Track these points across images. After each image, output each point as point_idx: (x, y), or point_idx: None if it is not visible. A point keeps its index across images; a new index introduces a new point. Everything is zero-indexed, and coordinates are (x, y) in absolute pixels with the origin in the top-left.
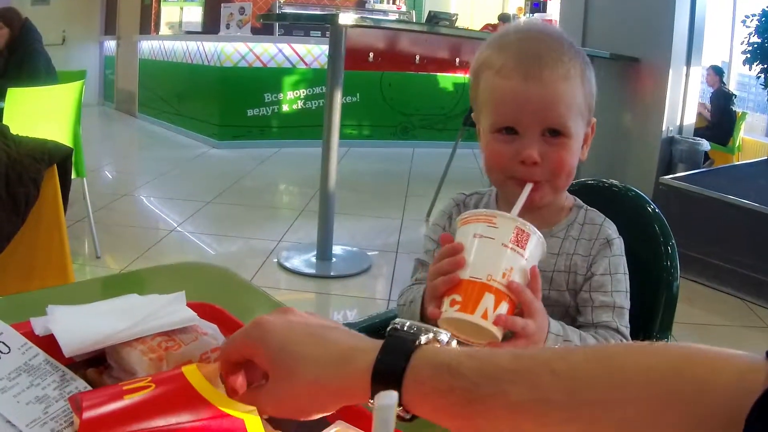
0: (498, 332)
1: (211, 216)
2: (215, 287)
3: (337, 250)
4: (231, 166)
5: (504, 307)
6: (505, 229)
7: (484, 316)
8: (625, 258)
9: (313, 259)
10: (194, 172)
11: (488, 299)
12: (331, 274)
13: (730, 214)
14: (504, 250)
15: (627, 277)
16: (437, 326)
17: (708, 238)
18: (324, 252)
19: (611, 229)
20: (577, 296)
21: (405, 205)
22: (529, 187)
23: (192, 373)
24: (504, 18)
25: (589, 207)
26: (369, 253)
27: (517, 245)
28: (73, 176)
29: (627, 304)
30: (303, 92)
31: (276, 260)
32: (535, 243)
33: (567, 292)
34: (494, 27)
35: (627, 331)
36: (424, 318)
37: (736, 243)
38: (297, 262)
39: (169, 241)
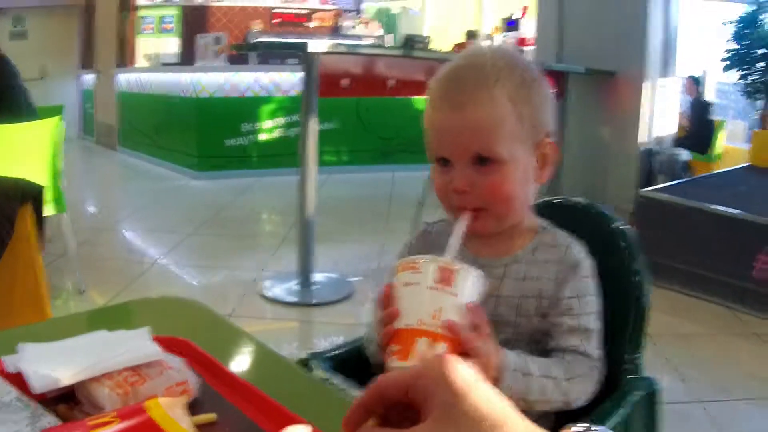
0: None
1: (193, 247)
2: (187, 321)
3: (319, 277)
4: (211, 197)
5: (442, 347)
6: (427, 271)
7: (421, 360)
8: (595, 279)
9: (295, 287)
10: (175, 203)
11: (422, 343)
12: (314, 301)
13: (711, 222)
14: (429, 293)
15: (597, 299)
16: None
17: (691, 247)
18: (305, 279)
19: (579, 251)
20: (545, 320)
21: (386, 229)
22: (465, 217)
23: (154, 407)
24: (471, 35)
25: (556, 228)
26: (351, 279)
27: (443, 284)
28: (54, 212)
29: (596, 325)
30: (281, 120)
31: (258, 290)
32: (469, 279)
33: (535, 317)
34: (462, 45)
35: (598, 353)
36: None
37: (719, 251)
38: (279, 290)
39: (152, 274)
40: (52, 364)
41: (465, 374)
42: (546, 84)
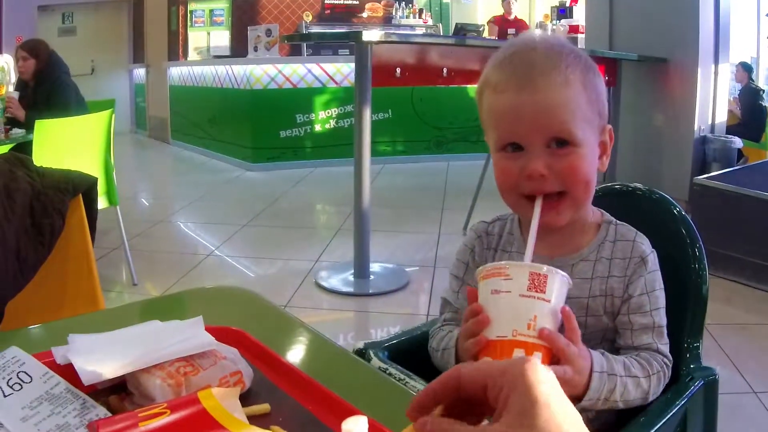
0: None
1: (247, 239)
2: (240, 311)
3: (374, 267)
4: (266, 188)
5: (537, 357)
6: (519, 278)
7: None
8: (659, 272)
9: (351, 278)
10: (229, 195)
11: (518, 354)
12: (370, 291)
13: (766, 210)
14: (523, 301)
15: (663, 292)
16: None
17: (745, 236)
18: (361, 270)
19: (645, 245)
20: (616, 319)
21: (441, 219)
22: (539, 201)
23: (207, 398)
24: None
25: (618, 221)
26: (407, 269)
27: (536, 291)
28: (106, 205)
29: (665, 320)
30: (334, 111)
31: (314, 280)
32: (557, 282)
33: (605, 316)
34: (500, 17)
35: (666, 348)
36: None
37: None
38: (335, 281)
39: (206, 266)
40: (102, 356)
41: (547, 382)
42: (599, 73)
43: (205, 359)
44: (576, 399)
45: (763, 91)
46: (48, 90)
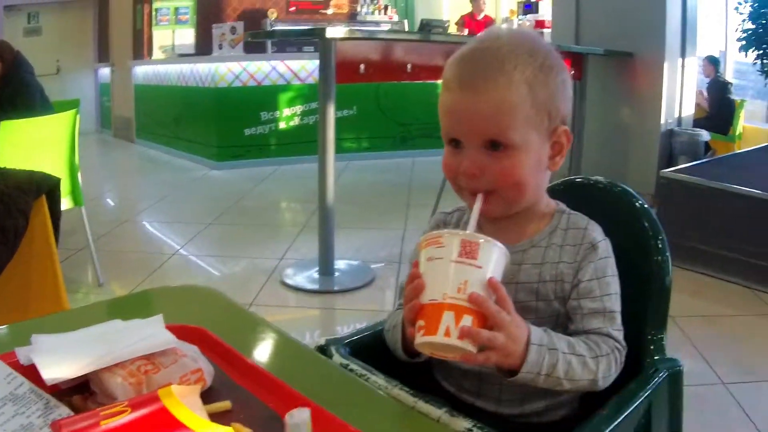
0: (466, 345)
1: (213, 237)
2: (202, 309)
3: (340, 264)
4: (231, 187)
5: (468, 320)
6: (451, 245)
7: (447, 334)
8: (613, 259)
9: (316, 275)
10: (195, 194)
11: (447, 317)
12: (335, 288)
13: (733, 203)
14: (454, 266)
15: (616, 278)
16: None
17: (713, 228)
18: (326, 267)
19: (596, 232)
20: (566, 304)
21: (407, 215)
22: (480, 198)
23: (168, 396)
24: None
25: (572, 211)
26: (372, 266)
27: (468, 257)
28: (71, 205)
29: (617, 306)
30: (299, 108)
31: (279, 278)
32: (489, 249)
33: (556, 301)
34: (469, 16)
35: (620, 334)
36: (405, 342)
37: (741, 232)
38: (300, 278)
39: (172, 265)
40: (65, 355)
41: None
42: (565, 70)
43: (166, 357)
44: (513, 371)
45: (731, 84)
46: (13, 91)
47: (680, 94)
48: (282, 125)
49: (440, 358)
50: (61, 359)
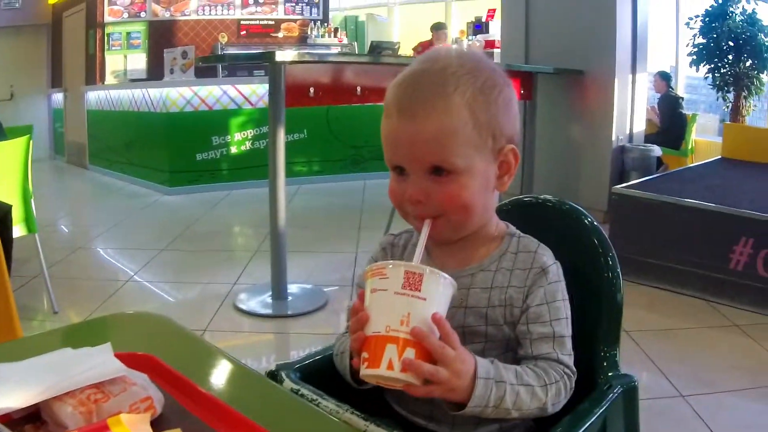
0: (408, 378)
1: (166, 263)
2: (152, 336)
3: (293, 288)
4: (184, 212)
5: (411, 353)
6: (394, 276)
7: (390, 366)
8: (563, 283)
9: (269, 299)
10: (148, 220)
11: (390, 350)
12: (288, 312)
13: (685, 216)
14: (397, 298)
15: (566, 303)
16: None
17: (666, 242)
18: (279, 291)
19: (546, 256)
20: (516, 329)
21: (359, 238)
22: (427, 225)
23: (116, 424)
24: (437, 27)
25: (522, 234)
26: (325, 289)
27: (411, 289)
28: (24, 232)
29: (568, 331)
30: (250, 132)
31: (233, 303)
32: (434, 282)
33: (505, 326)
34: (429, 43)
35: (569, 359)
36: (353, 369)
37: (694, 244)
38: (253, 303)
39: (126, 291)
40: (14, 385)
41: None
42: (510, 89)
43: (115, 386)
44: (459, 405)
45: (682, 99)
46: None
47: (631, 110)
48: (233, 150)
49: (385, 386)
50: (11, 388)
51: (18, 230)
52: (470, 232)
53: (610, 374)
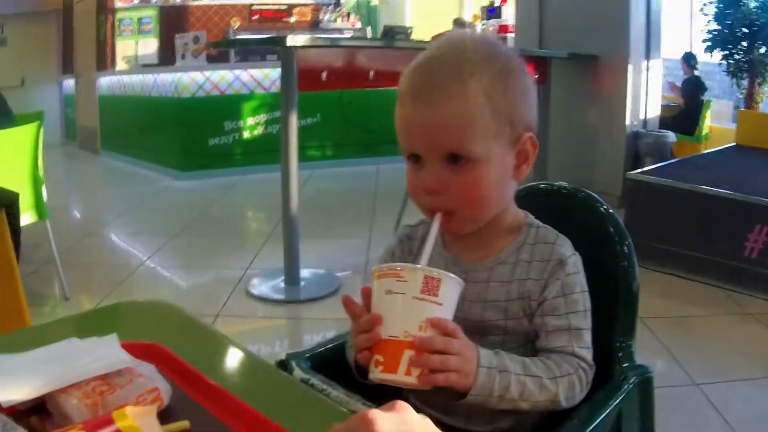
0: (425, 387)
1: (179, 249)
2: (161, 325)
3: (305, 273)
4: (196, 197)
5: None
6: (413, 281)
7: (407, 372)
8: (583, 275)
9: (282, 285)
10: (160, 205)
11: (408, 355)
12: (301, 298)
13: (700, 203)
14: (416, 303)
15: (586, 295)
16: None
17: (680, 229)
18: (292, 277)
19: (565, 247)
20: (533, 321)
21: (372, 223)
22: (437, 219)
23: (122, 418)
24: (459, 23)
25: (541, 224)
26: (338, 274)
27: (429, 294)
28: (35, 219)
29: (586, 324)
30: (263, 117)
31: (245, 288)
32: (449, 285)
33: (525, 319)
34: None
35: (587, 353)
36: (358, 365)
37: (709, 232)
38: (265, 288)
39: (138, 277)
40: (21, 376)
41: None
42: (527, 76)
43: (121, 377)
44: (462, 394)
45: (704, 83)
46: None
47: (645, 96)
48: (246, 134)
49: (398, 386)
50: (17, 381)
51: (29, 217)
52: (487, 224)
53: (625, 365)
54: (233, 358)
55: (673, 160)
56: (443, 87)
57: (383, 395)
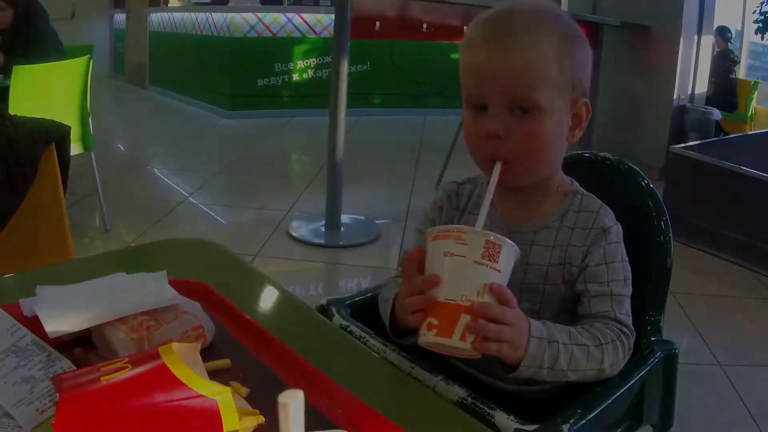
0: (475, 353)
1: (221, 186)
2: (207, 263)
3: (346, 219)
4: (242, 136)
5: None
6: (474, 245)
7: (462, 338)
8: (623, 245)
9: (322, 229)
10: (205, 142)
11: (464, 320)
12: (340, 243)
13: (740, 184)
14: (476, 268)
15: (626, 264)
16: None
17: (718, 208)
18: (333, 221)
19: (608, 217)
20: (574, 287)
21: (415, 174)
22: (498, 168)
23: (168, 353)
24: None
25: (585, 192)
26: (378, 222)
27: (489, 260)
28: (81, 150)
29: (627, 291)
30: (313, 61)
31: (286, 230)
32: (508, 253)
33: (563, 285)
34: None
35: (628, 319)
36: (395, 322)
37: (747, 214)
38: (306, 231)
39: (179, 213)
40: (68, 308)
41: None
42: (587, 43)
43: (168, 314)
44: (514, 367)
45: (737, 57)
46: (26, 38)
47: (694, 71)
48: (295, 77)
49: (446, 354)
50: (64, 312)
51: (75, 148)
52: (537, 180)
53: (652, 339)
54: (276, 300)
55: (716, 138)
56: (518, 35)
57: (418, 347)
